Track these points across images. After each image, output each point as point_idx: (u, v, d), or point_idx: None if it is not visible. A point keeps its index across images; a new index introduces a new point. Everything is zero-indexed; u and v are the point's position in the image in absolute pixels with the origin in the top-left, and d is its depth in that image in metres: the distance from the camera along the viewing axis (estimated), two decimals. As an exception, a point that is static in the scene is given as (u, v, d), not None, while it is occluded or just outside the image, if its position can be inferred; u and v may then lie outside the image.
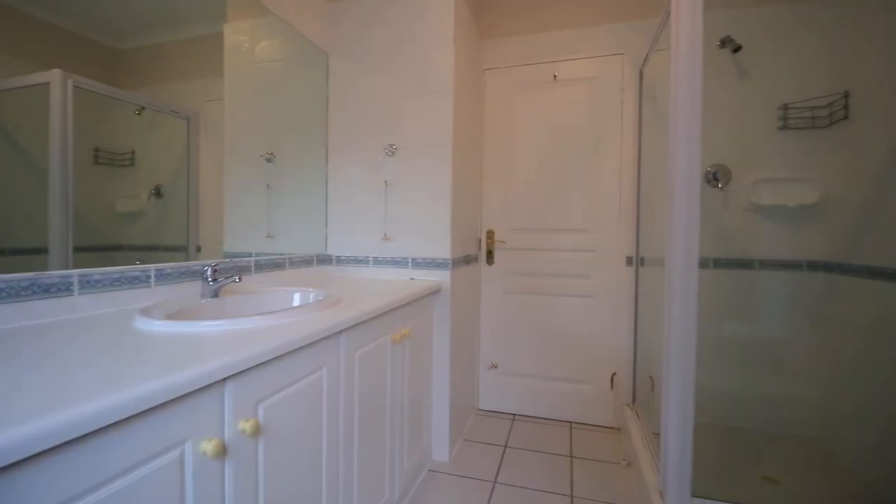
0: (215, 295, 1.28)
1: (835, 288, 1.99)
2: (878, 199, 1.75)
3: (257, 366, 0.83)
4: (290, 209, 1.92)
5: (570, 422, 2.48)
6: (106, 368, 0.67)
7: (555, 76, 2.45)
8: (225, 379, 0.76)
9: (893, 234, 1.66)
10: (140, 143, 1.26)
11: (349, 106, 2.14)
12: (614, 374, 2.39)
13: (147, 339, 0.85)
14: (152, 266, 1.24)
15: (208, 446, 0.71)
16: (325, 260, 2.16)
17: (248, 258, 1.65)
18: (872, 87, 1.80)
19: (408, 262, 2.06)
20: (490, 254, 2.59)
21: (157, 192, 1.33)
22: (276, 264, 1.79)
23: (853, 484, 1.74)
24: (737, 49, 2.05)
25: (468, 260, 2.36)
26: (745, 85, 2.13)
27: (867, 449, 1.75)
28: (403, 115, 2.06)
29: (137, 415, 0.60)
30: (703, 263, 2.16)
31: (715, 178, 2.15)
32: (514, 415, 2.57)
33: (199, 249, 1.47)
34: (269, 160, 1.81)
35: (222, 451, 0.75)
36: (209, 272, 1.27)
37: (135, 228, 1.27)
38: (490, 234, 2.59)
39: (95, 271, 1.11)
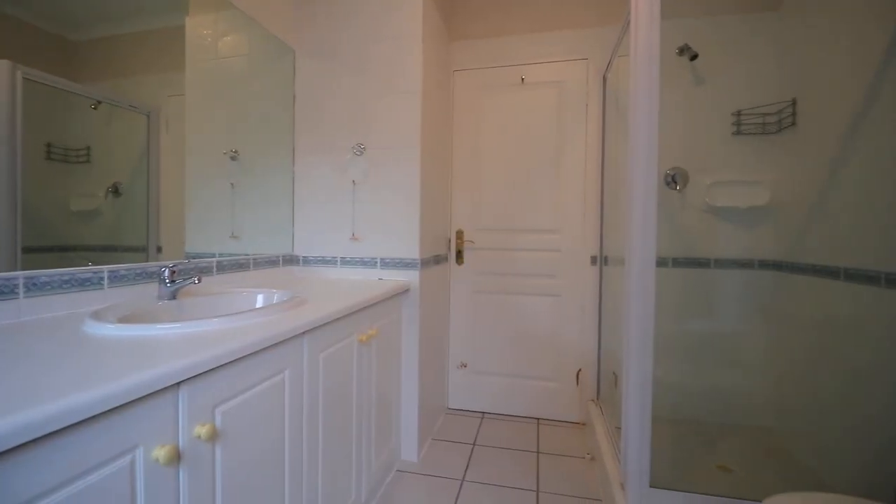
0: (173, 297, 1.25)
1: (783, 285, 2.10)
2: (821, 202, 1.86)
3: (214, 369, 0.82)
4: (255, 209, 1.88)
5: (538, 418, 2.53)
6: (50, 374, 0.65)
7: (522, 79, 2.49)
8: (179, 383, 0.74)
9: (834, 234, 1.77)
10: (96, 139, 1.22)
11: (316, 104, 2.11)
12: (580, 370, 2.46)
13: (97, 344, 0.83)
14: (105, 267, 1.20)
15: (161, 453, 0.69)
16: (291, 260, 2.13)
17: (210, 259, 1.61)
18: (817, 95, 1.91)
19: (376, 262, 2.05)
20: (459, 254, 2.61)
21: (115, 190, 1.28)
22: (240, 265, 1.76)
23: (799, 469, 1.85)
24: (694, 57, 2.14)
25: (438, 260, 2.37)
26: (702, 91, 2.23)
27: (811, 437, 1.87)
28: (372, 114, 2.05)
29: (83, 421, 0.58)
30: (663, 263, 2.25)
31: (674, 180, 2.24)
32: (484, 413, 2.60)
33: (160, 250, 1.42)
34: (233, 158, 1.77)
35: (176, 458, 0.73)
36: (166, 273, 1.23)
37: (91, 228, 1.22)
38: (459, 234, 2.61)
39: (42, 273, 1.06)
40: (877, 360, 1.50)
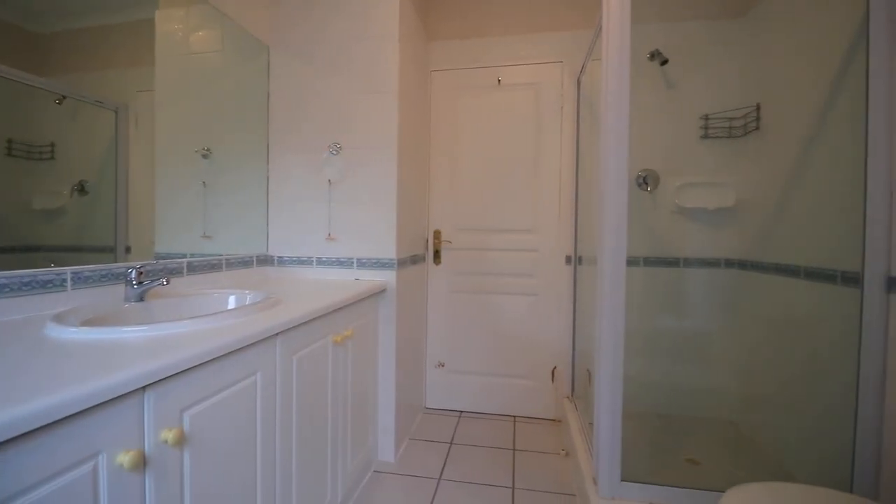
0: (140, 299, 1.22)
1: (748, 284, 2.18)
2: (782, 203, 1.94)
3: (182, 372, 0.80)
4: (228, 208, 1.85)
5: (514, 416, 2.56)
6: (7, 379, 0.63)
7: (499, 80, 2.51)
8: (145, 387, 0.73)
9: (794, 234, 1.85)
10: (61, 135, 1.18)
11: (291, 102, 2.09)
12: (555, 368, 2.50)
13: (59, 348, 0.80)
14: (68, 269, 1.16)
15: (125, 458, 0.68)
16: (265, 261, 2.09)
17: (181, 259, 1.58)
18: (780, 100, 1.99)
19: (353, 262, 2.04)
20: (437, 253, 2.62)
21: (82, 188, 1.24)
22: (212, 266, 1.72)
23: (763, 460, 1.92)
24: (664, 62, 2.20)
25: (415, 260, 2.37)
26: (672, 96, 2.29)
27: (774, 427, 1.94)
28: (348, 113, 2.04)
29: (40, 428, 0.57)
30: (634, 262, 2.31)
31: (645, 182, 2.30)
32: (461, 412, 2.62)
33: (128, 250, 1.39)
34: (205, 156, 1.73)
35: (141, 463, 0.72)
36: (133, 275, 1.20)
37: (55, 228, 1.18)
38: (437, 234, 2.61)
39: (1, 275, 1.02)
40: (834, 354, 1.57)
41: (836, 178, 1.60)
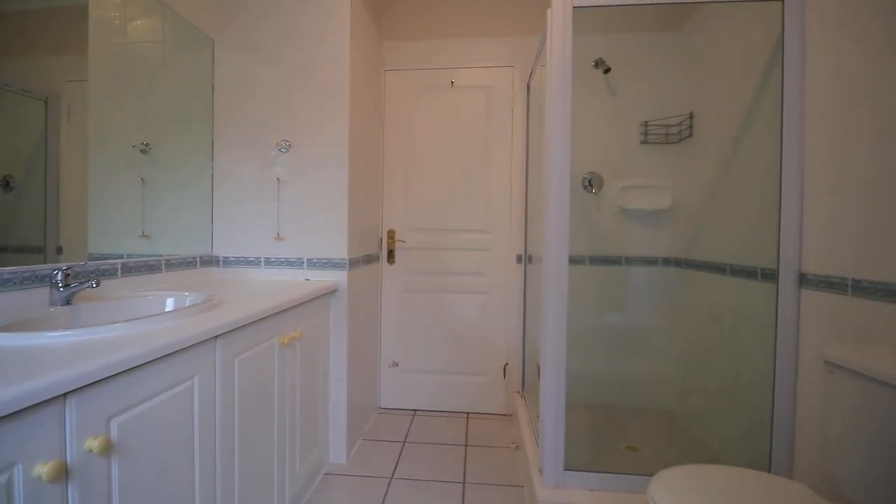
0: (67, 302, 1.15)
1: (682, 281, 2.33)
2: (711, 205, 2.09)
3: (108, 378, 0.77)
4: (169, 206, 1.77)
5: (468, 412, 2.60)
6: None
7: (452, 82, 2.55)
8: (66, 394, 0.70)
9: (721, 234, 1.99)
10: (-18, 126, 1.10)
11: (238, 97, 2.03)
12: (506, 364, 2.56)
13: (-31, 356, 0.75)
14: (-16, 271, 1.08)
15: (44, 469, 0.65)
16: (210, 261, 2.02)
17: (115, 260, 1.50)
18: (709, 109, 2.14)
19: (303, 262, 2.01)
20: (391, 253, 2.62)
21: (6, 184, 1.17)
22: (151, 267, 1.65)
23: (695, 445, 2.06)
24: (607, 70, 2.31)
25: (369, 259, 2.37)
26: (615, 102, 2.41)
27: (704, 415, 2.09)
28: (298, 110, 2.00)
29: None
30: (580, 260, 2.41)
31: (590, 184, 2.40)
32: (415, 410, 2.63)
33: (60, 251, 1.31)
34: (144, 151, 1.66)
35: (63, 474, 0.69)
36: (59, 276, 1.14)
37: (-26, 226, 1.10)
38: (391, 233, 2.61)
39: None
40: (756, 345, 1.70)
41: (757, 181, 1.73)
